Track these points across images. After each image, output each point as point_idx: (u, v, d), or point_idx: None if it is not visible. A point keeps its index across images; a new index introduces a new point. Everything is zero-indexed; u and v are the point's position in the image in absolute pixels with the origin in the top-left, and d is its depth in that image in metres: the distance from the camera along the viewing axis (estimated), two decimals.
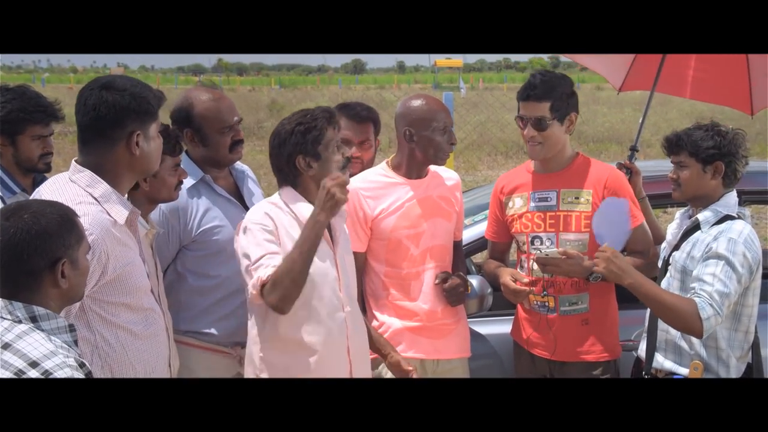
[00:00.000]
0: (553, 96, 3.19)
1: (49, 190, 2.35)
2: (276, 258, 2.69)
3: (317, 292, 2.79)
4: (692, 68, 4.10)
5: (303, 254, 2.63)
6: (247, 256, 2.73)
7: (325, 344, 2.81)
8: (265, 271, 2.67)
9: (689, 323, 2.80)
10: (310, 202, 2.80)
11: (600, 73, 4.38)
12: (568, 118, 3.24)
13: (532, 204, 3.30)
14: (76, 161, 2.39)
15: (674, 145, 3.04)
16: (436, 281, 3.26)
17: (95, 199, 2.32)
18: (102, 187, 2.34)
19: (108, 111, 2.32)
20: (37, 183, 3.39)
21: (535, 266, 3.23)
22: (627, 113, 20.35)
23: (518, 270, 3.38)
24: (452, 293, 3.26)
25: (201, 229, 3.10)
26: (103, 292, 2.29)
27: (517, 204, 3.35)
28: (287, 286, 2.62)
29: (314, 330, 2.79)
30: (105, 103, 2.32)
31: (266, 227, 2.75)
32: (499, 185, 3.48)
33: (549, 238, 3.25)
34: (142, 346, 2.39)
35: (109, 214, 2.32)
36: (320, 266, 2.79)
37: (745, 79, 4.02)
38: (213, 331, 3.11)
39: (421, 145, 3.24)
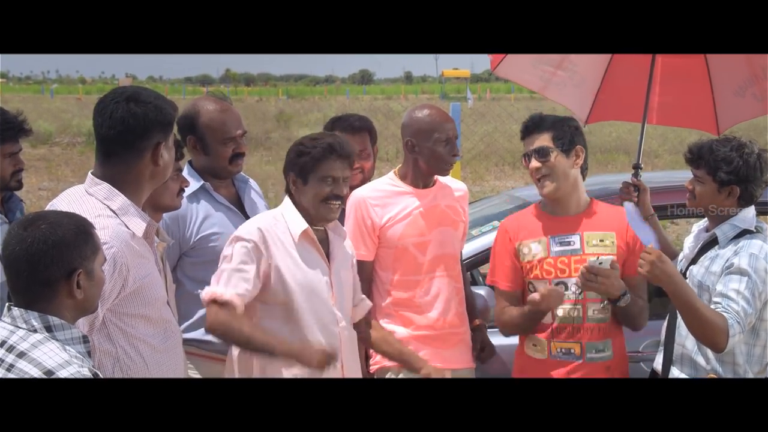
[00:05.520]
0: (555, 127, 3.11)
1: (66, 202, 2.34)
2: (240, 285, 2.77)
3: (310, 305, 2.85)
4: (657, 93, 4.07)
5: (248, 347, 2.78)
6: (220, 262, 2.87)
7: None
8: (222, 290, 2.77)
9: (716, 338, 2.74)
10: (302, 215, 2.90)
11: (566, 106, 4.28)
12: (574, 152, 3.11)
13: (554, 249, 3.13)
14: (92, 173, 2.39)
15: (696, 158, 3.00)
16: (474, 352, 3.39)
17: (113, 212, 2.32)
18: (120, 199, 2.34)
19: (137, 123, 2.33)
20: (5, 201, 3.34)
21: (560, 312, 3.09)
22: (634, 123, 20.28)
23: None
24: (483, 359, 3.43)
25: (199, 236, 3.13)
26: (123, 304, 2.30)
27: (534, 249, 3.15)
28: (220, 337, 2.81)
29: (305, 341, 2.81)
30: (134, 116, 2.33)
31: (247, 246, 2.81)
32: (506, 232, 3.25)
33: (576, 284, 3.06)
34: (161, 359, 2.39)
35: (128, 227, 2.32)
36: (314, 280, 2.87)
37: (709, 99, 3.99)
38: (211, 338, 3.12)
39: (424, 156, 3.26)
